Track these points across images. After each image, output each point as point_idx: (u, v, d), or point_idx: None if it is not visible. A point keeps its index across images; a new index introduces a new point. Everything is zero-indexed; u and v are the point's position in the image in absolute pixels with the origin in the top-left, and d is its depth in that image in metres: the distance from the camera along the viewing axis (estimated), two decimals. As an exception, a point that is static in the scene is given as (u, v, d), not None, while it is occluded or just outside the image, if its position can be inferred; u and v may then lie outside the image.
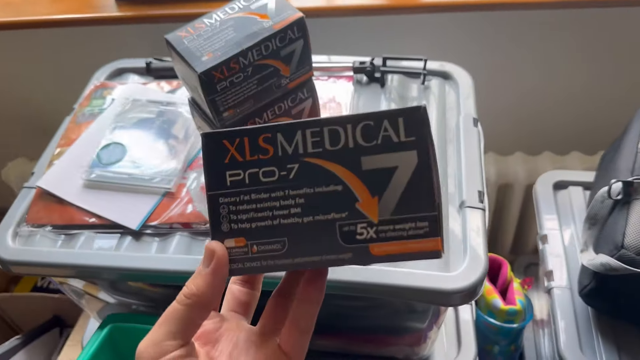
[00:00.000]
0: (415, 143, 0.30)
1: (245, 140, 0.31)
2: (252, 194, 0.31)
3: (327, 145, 0.30)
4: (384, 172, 0.30)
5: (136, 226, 0.59)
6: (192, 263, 0.56)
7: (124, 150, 0.65)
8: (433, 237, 0.29)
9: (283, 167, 0.31)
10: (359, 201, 0.30)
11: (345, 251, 0.30)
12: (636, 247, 0.63)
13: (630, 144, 0.74)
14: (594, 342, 0.70)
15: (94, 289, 0.73)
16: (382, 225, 0.30)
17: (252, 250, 0.31)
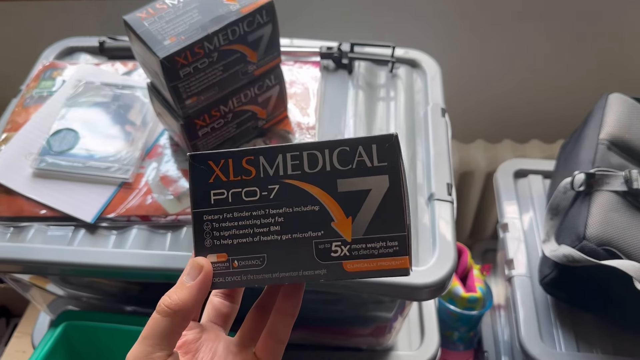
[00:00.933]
0: (387, 168, 0.32)
1: (229, 162, 0.33)
2: (234, 212, 0.33)
3: (306, 168, 0.32)
4: (358, 194, 0.32)
5: (91, 219, 0.56)
6: (151, 258, 0.53)
7: (76, 137, 0.61)
8: (402, 255, 0.31)
9: (264, 188, 0.32)
10: (334, 221, 0.32)
11: (321, 267, 0.32)
12: (597, 238, 0.64)
13: (591, 135, 0.75)
14: (553, 330, 0.72)
15: (42, 281, 0.69)
16: (355, 244, 0.32)
17: (233, 265, 0.33)
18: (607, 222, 0.65)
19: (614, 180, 0.68)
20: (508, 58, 0.93)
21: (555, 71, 0.94)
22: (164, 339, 0.31)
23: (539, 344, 0.70)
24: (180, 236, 0.55)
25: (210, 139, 0.57)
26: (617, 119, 0.75)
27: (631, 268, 0.60)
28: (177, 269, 0.53)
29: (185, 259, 0.53)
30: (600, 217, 0.65)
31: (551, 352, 0.69)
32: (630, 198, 0.67)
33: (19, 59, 0.85)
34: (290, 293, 0.34)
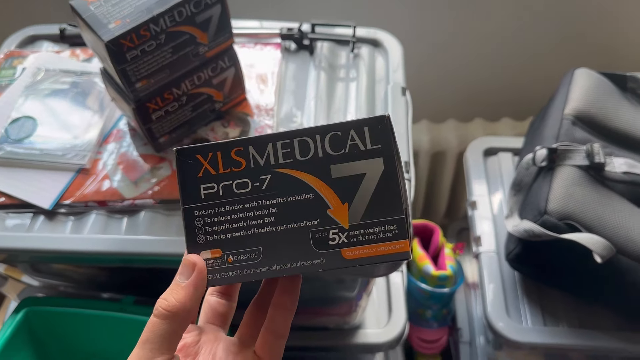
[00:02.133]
0: (381, 150, 0.31)
1: (218, 154, 0.32)
2: (226, 205, 0.32)
3: (298, 156, 0.32)
4: (352, 179, 0.31)
5: (49, 205, 0.56)
6: (109, 243, 0.54)
7: (34, 125, 0.61)
8: (401, 239, 0.31)
9: (256, 179, 0.32)
10: (330, 208, 0.31)
11: (319, 257, 0.31)
12: (558, 213, 0.64)
13: (556, 111, 0.75)
14: (519, 306, 0.72)
15: (17, 273, 0.70)
16: (353, 230, 0.31)
17: (228, 261, 0.32)
18: (569, 196, 0.65)
19: (576, 155, 0.68)
20: (479, 38, 0.93)
21: (524, 48, 0.94)
22: (164, 342, 0.30)
23: (506, 319, 0.70)
24: (138, 220, 0.55)
25: (165, 122, 0.57)
26: (582, 93, 0.75)
27: (590, 241, 0.61)
28: (134, 253, 0.53)
29: (143, 243, 0.54)
30: (562, 192, 0.66)
31: (517, 327, 0.70)
32: (592, 172, 0.68)
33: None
34: (288, 287, 0.33)
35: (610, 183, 0.68)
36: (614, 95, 0.77)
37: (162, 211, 0.56)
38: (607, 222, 0.64)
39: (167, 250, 0.53)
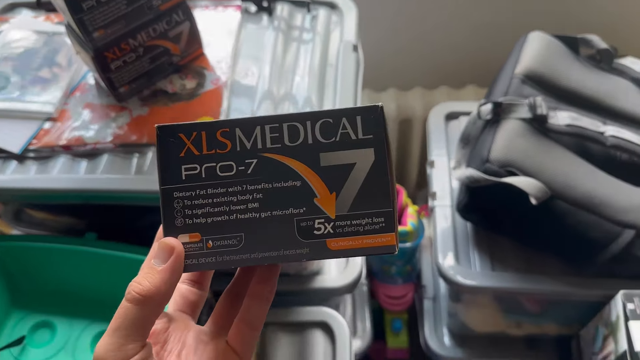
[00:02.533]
0: (373, 141, 0.30)
1: (202, 134, 0.31)
2: (208, 188, 0.31)
3: (286, 141, 0.31)
4: (341, 168, 0.30)
5: (18, 150, 0.60)
6: (72, 182, 0.58)
7: (7, 79, 0.66)
8: (388, 232, 0.30)
9: (241, 162, 0.31)
10: (317, 197, 0.30)
11: (303, 246, 0.30)
12: (499, 161, 0.68)
13: (507, 70, 0.79)
14: (469, 253, 0.76)
15: (6, 227, 0.75)
16: (339, 221, 0.30)
17: (208, 246, 0.31)
18: (511, 146, 0.69)
19: (520, 109, 0.72)
20: (444, 6, 0.96)
21: (491, 17, 0.98)
22: (137, 329, 0.29)
23: (455, 266, 0.74)
24: (99, 162, 0.60)
25: (124, 72, 0.61)
26: (533, 54, 0.78)
27: (524, 183, 0.64)
28: (94, 190, 0.58)
29: (103, 181, 0.58)
30: (504, 142, 0.69)
31: (466, 272, 0.74)
32: (535, 124, 0.71)
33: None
34: (266, 276, 0.33)
35: (554, 135, 0.72)
36: (565, 57, 0.81)
37: (121, 154, 0.61)
38: (546, 169, 0.68)
39: (124, 187, 0.58)
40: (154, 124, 0.60)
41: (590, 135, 0.72)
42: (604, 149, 0.73)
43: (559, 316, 0.82)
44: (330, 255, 0.30)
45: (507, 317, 0.85)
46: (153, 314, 0.29)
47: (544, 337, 0.86)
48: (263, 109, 0.63)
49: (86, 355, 0.58)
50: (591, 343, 0.74)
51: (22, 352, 0.59)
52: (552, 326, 0.84)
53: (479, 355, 0.86)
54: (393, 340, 0.98)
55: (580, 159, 0.71)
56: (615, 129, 0.74)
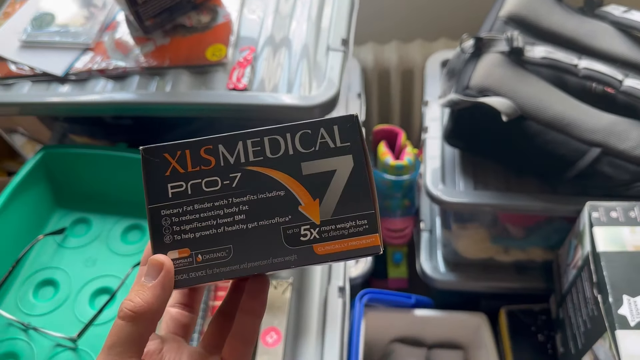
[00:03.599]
0: (350, 148, 0.32)
1: (186, 153, 0.32)
2: (195, 204, 0.32)
3: (268, 154, 0.32)
4: (323, 175, 0.32)
5: (62, 73, 0.72)
6: (107, 97, 0.69)
7: (52, 18, 0.77)
8: (372, 233, 0.31)
9: (225, 177, 0.32)
10: (301, 204, 0.32)
11: (291, 253, 0.31)
12: (477, 87, 0.76)
13: (493, 12, 0.87)
14: (454, 176, 0.85)
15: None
16: (324, 226, 0.31)
17: (197, 260, 0.32)
18: (489, 74, 0.77)
19: (499, 43, 0.80)
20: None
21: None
22: (131, 345, 0.29)
23: (441, 187, 0.83)
24: (129, 82, 0.71)
25: (150, 7, 0.72)
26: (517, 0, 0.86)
27: (496, 102, 0.73)
28: (124, 101, 0.68)
29: (131, 95, 0.69)
30: (483, 71, 0.78)
31: (450, 191, 0.82)
32: (512, 56, 0.79)
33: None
34: (257, 291, 0.33)
35: (531, 67, 0.80)
36: (548, 3, 0.88)
37: (146, 76, 0.71)
38: (519, 94, 0.76)
39: (148, 100, 0.68)
40: (175, 51, 0.71)
41: (564, 67, 0.80)
42: (579, 80, 0.80)
43: (542, 240, 0.90)
44: (317, 260, 0.31)
45: (495, 243, 0.93)
46: (146, 331, 0.30)
47: (530, 263, 0.94)
48: (265, 52, 0.72)
49: (116, 243, 0.69)
50: (566, 257, 0.81)
51: (63, 240, 0.70)
52: (536, 250, 0.92)
53: (471, 279, 0.94)
54: (394, 271, 1.07)
55: (553, 88, 0.79)
56: (589, 63, 0.81)
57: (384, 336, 0.99)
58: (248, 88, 0.67)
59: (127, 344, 0.29)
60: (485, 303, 0.98)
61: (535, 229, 0.89)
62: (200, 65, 0.70)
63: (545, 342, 0.89)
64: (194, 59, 0.71)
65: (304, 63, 0.70)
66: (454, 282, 0.95)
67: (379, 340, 1.00)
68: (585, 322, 0.71)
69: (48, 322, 0.62)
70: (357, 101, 0.98)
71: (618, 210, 0.72)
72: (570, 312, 0.77)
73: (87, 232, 0.71)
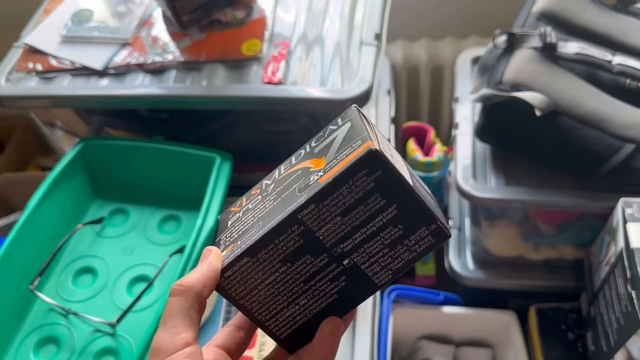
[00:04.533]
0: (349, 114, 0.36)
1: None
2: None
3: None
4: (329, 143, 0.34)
5: (101, 67, 0.74)
6: (145, 90, 0.71)
7: (91, 14, 0.79)
8: (364, 142, 0.31)
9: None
10: (311, 167, 0.34)
11: (301, 197, 0.33)
12: (510, 82, 0.76)
13: (525, 8, 0.87)
14: (486, 172, 0.84)
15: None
16: (327, 164, 0.33)
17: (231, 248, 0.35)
18: (522, 69, 0.77)
19: (532, 39, 0.80)
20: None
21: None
22: (183, 318, 0.31)
23: (472, 182, 0.83)
24: (166, 76, 0.72)
25: (187, 3, 0.73)
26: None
27: (530, 97, 0.73)
28: (162, 95, 0.70)
29: (169, 89, 0.70)
30: (516, 66, 0.78)
31: (482, 187, 0.82)
32: (545, 52, 0.79)
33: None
34: (328, 340, 0.34)
35: (564, 63, 0.79)
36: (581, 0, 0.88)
37: (183, 70, 0.73)
38: (553, 89, 0.76)
39: (184, 93, 0.70)
40: (211, 46, 0.72)
41: (597, 63, 0.79)
42: (612, 76, 0.80)
43: (573, 237, 0.89)
44: (320, 186, 0.32)
45: (526, 241, 0.92)
46: (194, 302, 0.32)
47: (561, 261, 0.93)
48: (299, 49, 0.73)
49: (153, 233, 0.71)
50: (598, 254, 0.81)
51: (102, 230, 0.72)
52: (567, 248, 0.91)
53: (500, 276, 0.94)
54: (422, 268, 1.07)
55: (587, 84, 0.79)
56: (622, 59, 0.80)
57: (411, 333, 0.99)
58: (283, 82, 0.68)
59: (179, 316, 0.31)
60: (514, 301, 0.97)
61: (566, 227, 0.88)
62: (236, 59, 0.71)
63: (575, 341, 0.88)
64: (230, 54, 0.72)
65: (337, 60, 0.71)
66: (482, 280, 0.94)
67: (407, 337, 1.00)
68: (618, 319, 0.71)
69: (87, 308, 0.64)
70: (387, 98, 0.98)
71: (653, 206, 0.72)
72: (602, 309, 0.77)
73: (125, 222, 0.72)
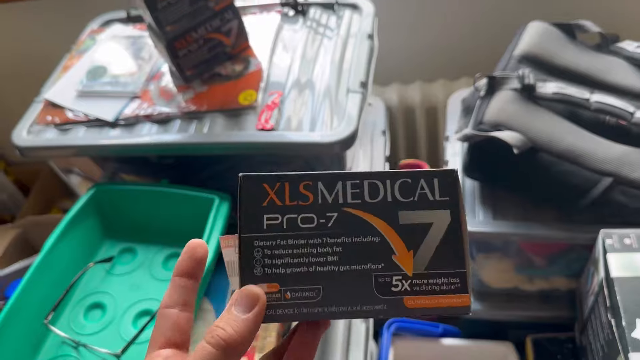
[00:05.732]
0: (449, 203, 0.32)
1: (285, 185, 0.32)
2: (289, 239, 0.31)
3: (367, 198, 0.32)
4: (419, 227, 0.31)
5: (112, 118, 0.81)
6: (152, 138, 0.77)
7: (105, 70, 0.87)
8: (463, 293, 0.31)
9: (322, 215, 0.31)
10: (395, 254, 0.31)
11: (381, 302, 0.31)
12: (490, 122, 0.81)
13: (507, 52, 0.92)
14: (474, 206, 0.89)
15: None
16: (417, 279, 0.31)
17: (286, 297, 0.31)
18: (502, 110, 0.82)
19: (511, 81, 0.85)
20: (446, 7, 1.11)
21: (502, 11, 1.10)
22: None
23: (461, 217, 0.87)
24: (171, 126, 0.79)
25: (189, 59, 0.81)
26: (530, 39, 0.91)
27: (507, 136, 0.77)
28: (168, 143, 0.76)
29: (175, 137, 0.77)
30: (497, 107, 0.83)
31: (470, 221, 0.86)
32: (524, 93, 0.84)
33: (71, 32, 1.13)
34: (309, 340, 0.32)
35: (544, 103, 0.84)
36: (561, 40, 0.93)
37: (186, 120, 0.80)
38: (532, 128, 0.80)
39: (188, 141, 0.76)
40: (211, 98, 0.79)
41: (575, 102, 0.84)
42: (592, 114, 0.84)
43: (564, 268, 0.92)
44: (406, 313, 0.31)
45: (519, 273, 0.95)
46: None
47: (555, 292, 0.96)
48: (292, 94, 0.79)
49: (158, 270, 0.76)
50: (585, 284, 0.84)
51: (111, 268, 0.78)
52: (560, 279, 0.94)
53: (497, 308, 0.97)
54: (423, 302, 1.10)
55: (566, 121, 0.83)
56: (601, 97, 0.85)
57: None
58: (275, 128, 0.74)
59: None
60: (513, 332, 0.99)
61: (557, 258, 0.91)
62: (234, 109, 0.78)
63: (571, 370, 0.90)
64: (228, 104, 0.79)
65: (327, 102, 0.77)
66: (480, 312, 0.97)
67: (408, 369, 1.02)
68: (602, 347, 0.73)
69: (96, 340, 0.69)
70: (382, 138, 1.04)
71: (632, 237, 0.75)
72: (590, 338, 0.79)
73: (133, 260, 0.78)
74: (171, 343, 0.31)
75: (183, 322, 0.32)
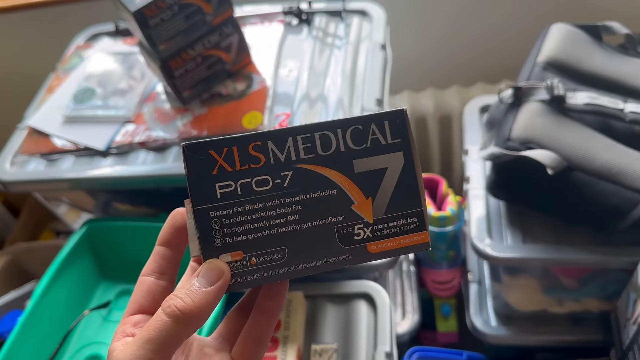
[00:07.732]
0: (401, 144, 0.31)
1: (234, 150, 0.31)
2: (246, 204, 0.31)
3: (319, 151, 0.31)
4: (375, 173, 0.31)
5: (103, 147, 0.74)
6: (148, 170, 0.70)
7: (93, 92, 0.79)
8: (422, 230, 0.32)
9: (277, 175, 0.31)
10: (354, 203, 0.31)
11: (345, 253, 0.31)
12: (519, 138, 0.74)
13: (531, 58, 0.85)
14: (501, 229, 0.82)
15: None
16: (377, 224, 0.31)
17: (251, 263, 0.31)
18: (531, 124, 0.75)
19: (539, 92, 0.78)
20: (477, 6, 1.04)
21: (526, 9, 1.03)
22: (168, 345, 0.28)
23: (488, 241, 0.80)
24: (168, 153, 0.72)
25: (186, 79, 0.73)
26: (554, 43, 0.84)
27: (540, 155, 0.70)
28: (164, 175, 0.69)
29: (171, 168, 0.70)
30: (525, 121, 0.76)
31: (499, 246, 0.79)
32: (553, 105, 0.77)
33: (55, 47, 1.04)
34: (275, 292, 0.33)
35: (575, 115, 0.77)
36: (587, 44, 0.86)
37: (185, 146, 0.72)
38: (565, 144, 0.73)
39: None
40: (212, 121, 0.72)
41: (609, 113, 0.77)
42: (626, 125, 0.77)
43: (597, 290, 0.85)
44: (370, 258, 0.31)
45: (548, 295, 0.89)
46: (186, 334, 0.29)
47: (586, 314, 0.89)
48: (301, 109, 0.73)
49: (160, 315, 0.69)
50: (625, 310, 0.77)
51: (108, 314, 0.70)
52: (592, 301, 0.87)
53: (524, 332, 0.90)
54: (443, 325, 1.03)
55: (599, 134, 0.76)
56: (635, 106, 0.78)
57: (435, 394, 0.96)
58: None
59: (165, 342, 0.28)
60: (541, 357, 0.93)
61: (589, 280, 0.85)
62: (237, 133, 0.70)
63: (607, 400, 0.83)
64: (231, 128, 0.71)
65: (340, 115, 0.70)
66: (506, 337, 0.90)
67: (430, 399, 0.96)
68: (651, 384, 0.67)
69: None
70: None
71: (679, 262, 0.68)
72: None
73: (131, 304, 0.71)
74: (143, 309, 0.32)
75: (157, 289, 0.32)
